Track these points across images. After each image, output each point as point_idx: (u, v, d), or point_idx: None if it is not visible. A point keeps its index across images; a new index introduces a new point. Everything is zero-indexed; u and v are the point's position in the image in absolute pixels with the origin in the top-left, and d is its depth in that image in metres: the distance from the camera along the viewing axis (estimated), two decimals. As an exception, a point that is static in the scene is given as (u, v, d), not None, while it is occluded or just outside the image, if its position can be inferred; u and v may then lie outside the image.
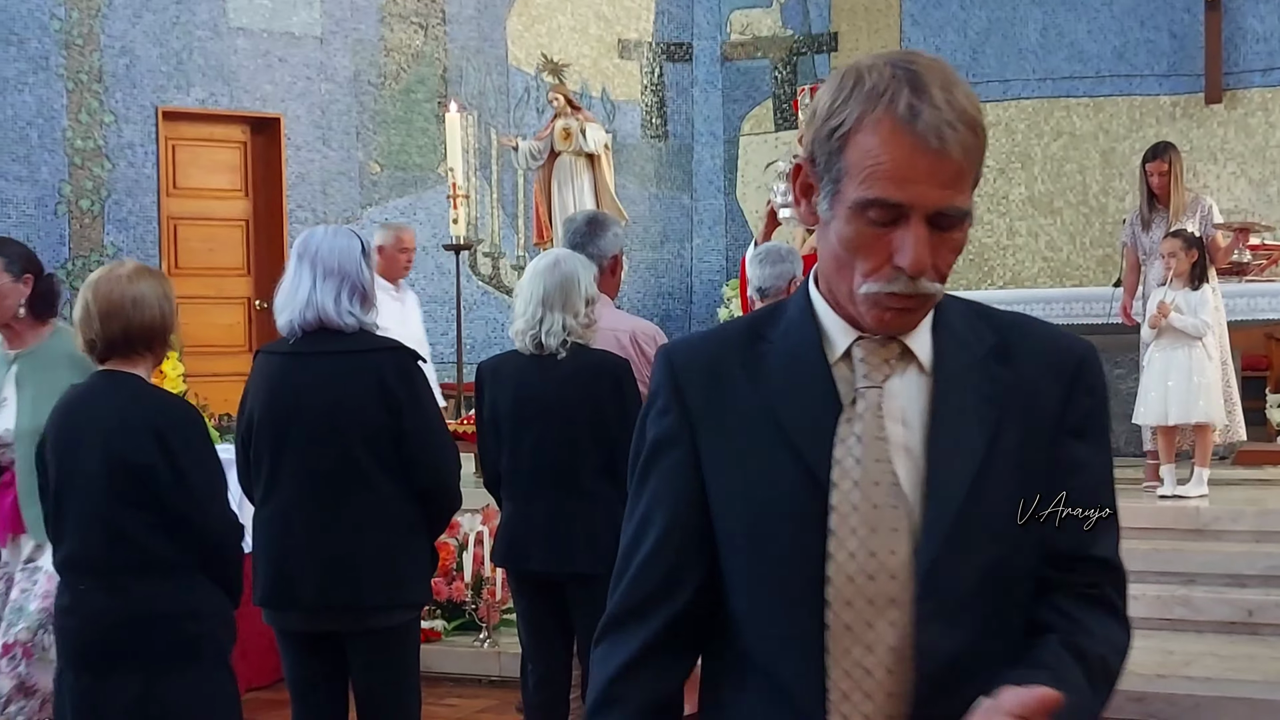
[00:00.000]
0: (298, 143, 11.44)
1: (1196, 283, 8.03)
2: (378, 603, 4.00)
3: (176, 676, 3.59)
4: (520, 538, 4.56)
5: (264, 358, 4.15)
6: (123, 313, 3.64)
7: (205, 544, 3.63)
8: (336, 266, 3.99)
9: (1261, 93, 11.64)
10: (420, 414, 4.01)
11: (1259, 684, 6.22)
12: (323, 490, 3.98)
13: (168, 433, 3.58)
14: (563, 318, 4.47)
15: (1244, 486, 8.28)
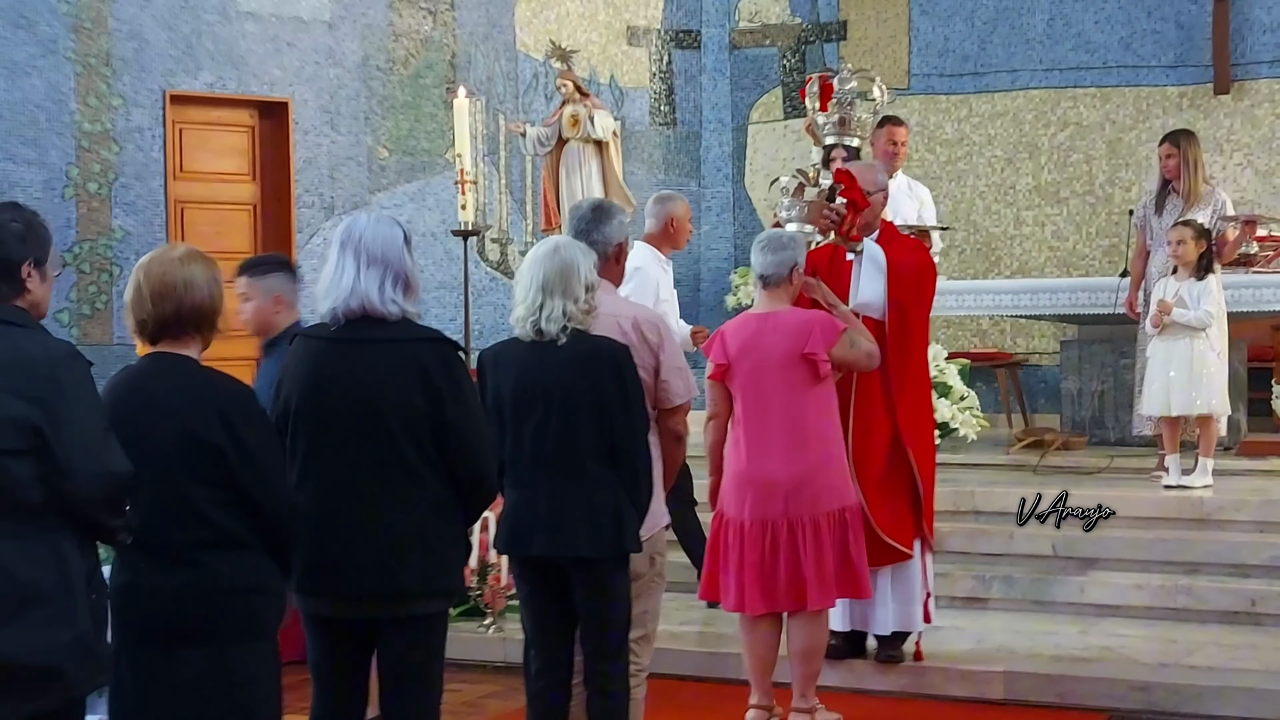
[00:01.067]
0: (305, 127, 11.45)
1: (1202, 273, 8.05)
2: (417, 590, 4.04)
3: (242, 650, 3.66)
4: (522, 523, 4.60)
5: (304, 342, 4.17)
6: (174, 294, 3.70)
7: (269, 522, 3.70)
8: (380, 254, 4.03)
9: (1269, 84, 11.63)
10: (461, 404, 4.03)
11: (1261, 673, 6.26)
12: (362, 478, 4.01)
13: (232, 413, 3.64)
14: (563, 304, 4.50)
15: (1248, 477, 8.30)
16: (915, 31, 12.70)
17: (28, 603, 3.23)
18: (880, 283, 6.23)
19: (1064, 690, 6.31)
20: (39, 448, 3.26)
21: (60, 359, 3.36)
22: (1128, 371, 9.54)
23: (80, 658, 3.30)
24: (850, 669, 6.57)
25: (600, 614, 4.61)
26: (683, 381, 4.93)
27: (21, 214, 3.52)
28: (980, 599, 7.53)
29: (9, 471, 3.24)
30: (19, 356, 3.32)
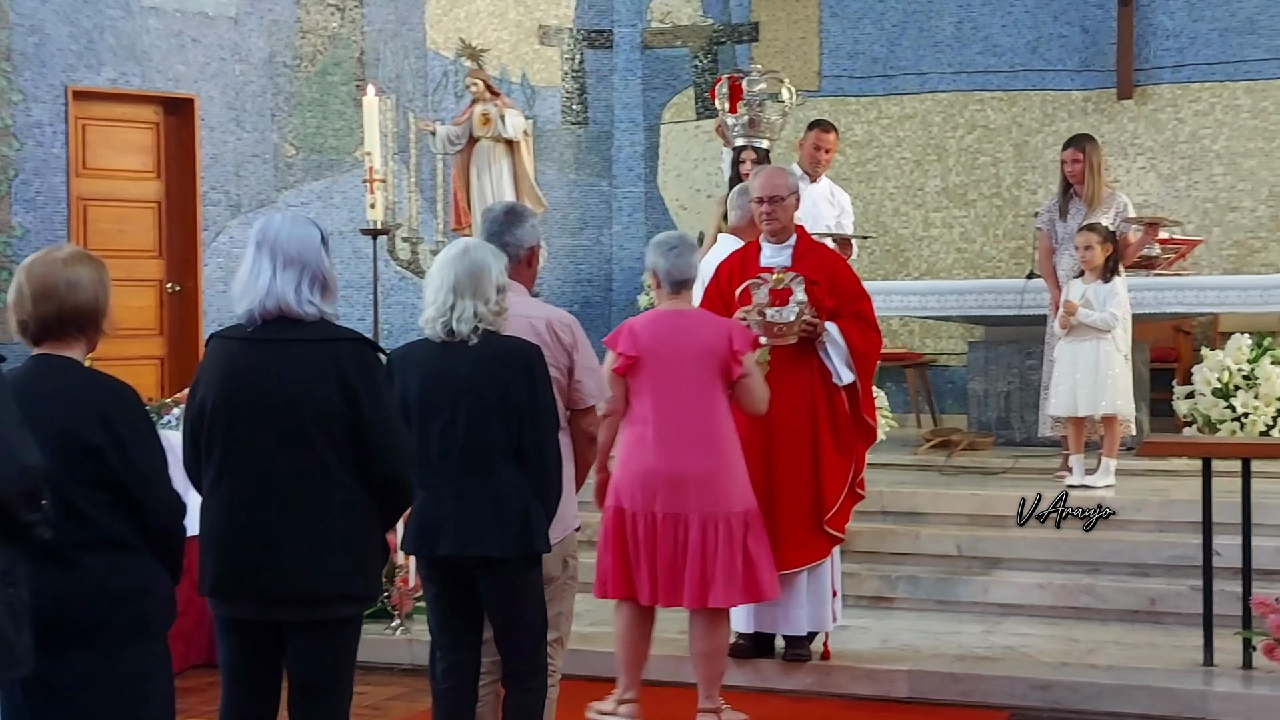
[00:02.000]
0: (211, 124, 11.31)
1: (1108, 276, 8.15)
2: (334, 594, 4.00)
3: (128, 652, 3.62)
4: (429, 523, 4.57)
5: (220, 343, 4.13)
6: (56, 295, 3.66)
7: (150, 522, 3.66)
8: (297, 255, 4.00)
9: (1171, 89, 11.80)
10: (379, 405, 4.01)
11: (1160, 672, 6.33)
12: (280, 479, 3.98)
13: (112, 413, 3.60)
14: (474, 304, 4.50)
15: (1149, 477, 8.41)
16: (825, 33, 12.76)
17: None
18: (847, 369, 6.34)
19: (967, 689, 6.36)
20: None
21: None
22: (1034, 372, 9.64)
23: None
24: (757, 669, 6.59)
25: (514, 614, 4.60)
26: (595, 382, 4.98)
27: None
28: (886, 599, 7.57)
29: None
30: None
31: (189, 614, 6.42)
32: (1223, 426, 9.08)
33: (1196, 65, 11.72)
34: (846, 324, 6.37)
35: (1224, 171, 11.67)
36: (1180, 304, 9.39)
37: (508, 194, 10.47)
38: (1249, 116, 11.60)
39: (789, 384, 6.28)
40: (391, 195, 11.84)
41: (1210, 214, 11.67)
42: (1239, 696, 6.02)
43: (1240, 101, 11.63)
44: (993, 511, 7.90)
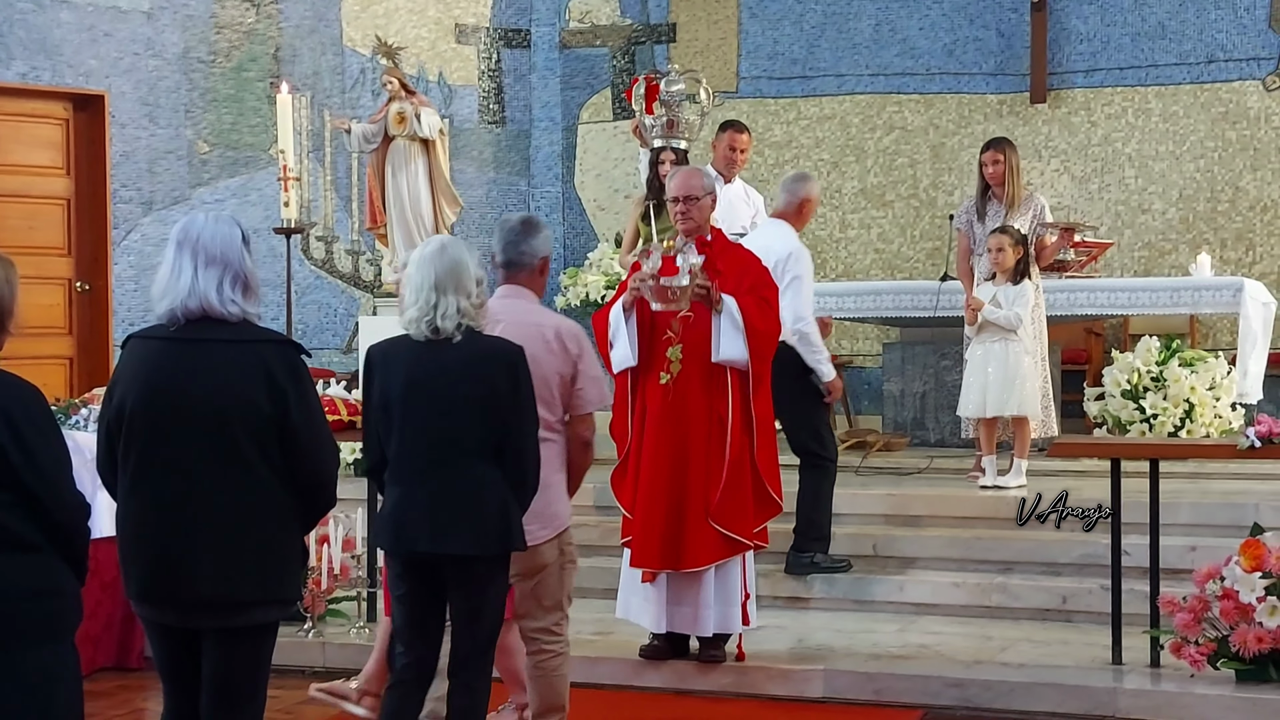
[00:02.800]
0: (123, 120, 11.16)
1: (1018, 278, 8.23)
2: (255, 599, 3.97)
3: (37, 654, 3.56)
4: (407, 521, 4.55)
5: (139, 343, 4.07)
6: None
7: (54, 522, 3.59)
8: (220, 254, 3.97)
9: (1084, 92, 11.95)
10: (305, 408, 3.99)
11: (1071, 669, 6.40)
12: (201, 482, 3.93)
13: (14, 412, 3.53)
14: (457, 300, 4.53)
15: (1061, 477, 8.49)
16: (744, 34, 12.80)
17: None
18: (741, 342, 6.27)
19: (881, 688, 6.40)
20: None
21: None
22: (949, 373, 9.73)
23: None
24: (672, 670, 6.59)
25: (476, 611, 4.60)
26: (597, 390, 5.12)
27: None
28: (802, 599, 7.60)
29: None
30: None
31: (97, 617, 6.34)
32: (1132, 428, 9.19)
33: (1108, 70, 11.88)
34: (746, 300, 6.33)
35: (1135, 174, 11.83)
36: (1091, 306, 9.50)
37: (423, 193, 10.41)
38: (1159, 120, 11.77)
39: (699, 386, 6.29)
40: (307, 194, 11.74)
41: (1122, 216, 11.82)
42: (1147, 693, 6.10)
43: (1151, 105, 11.79)
44: (908, 511, 7.96)
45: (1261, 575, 5.96)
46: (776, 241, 7.19)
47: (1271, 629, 5.91)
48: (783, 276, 6.95)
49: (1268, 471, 8.20)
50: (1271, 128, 11.50)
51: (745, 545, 6.44)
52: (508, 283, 5.18)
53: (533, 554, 4.97)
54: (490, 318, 4.81)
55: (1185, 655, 6.04)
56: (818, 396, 7.28)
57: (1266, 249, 11.49)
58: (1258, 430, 6.17)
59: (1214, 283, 9.46)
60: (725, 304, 6.26)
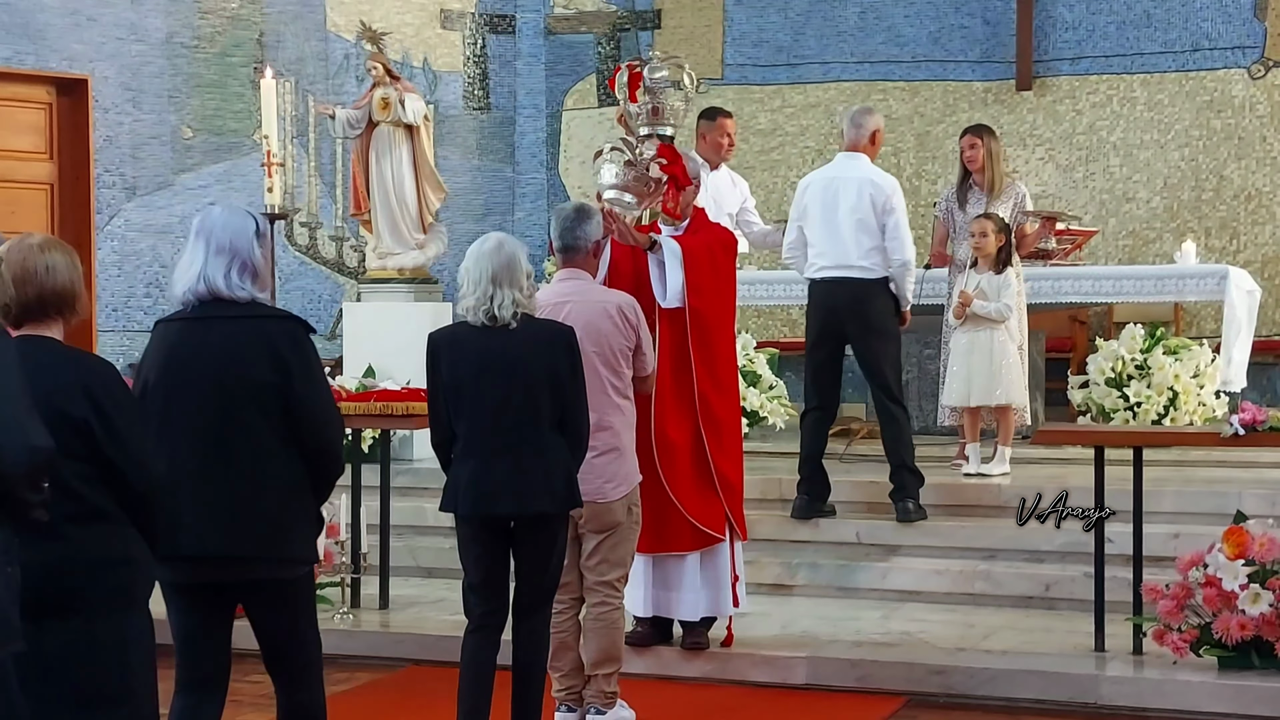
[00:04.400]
0: (106, 105, 11.12)
1: (1001, 266, 8.23)
2: (263, 556, 4.27)
3: (112, 620, 3.76)
4: (487, 488, 5.05)
5: (161, 326, 4.43)
6: (36, 279, 3.86)
7: (135, 493, 3.81)
8: (229, 244, 4.29)
9: (1070, 80, 11.95)
10: (309, 379, 4.28)
11: (1054, 656, 6.42)
12: (215, 448, 4.24)
13: (96, 389, 3.76)
14: (512, 293, 5.03)
15: (1045, 465, 8.52)
16: (730, 22, 12.78)
17: None
18: (679, 272, 6.29)
19: (864, 674, 6.41)
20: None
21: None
22: (931, 362, 9.73)
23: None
24: (656, 655, 6.59)
25: (543, 562, 5.16)
26: (653, 354, 5.84)
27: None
28: (786, 585, 7.61)
29: None
30: None
31: None
32: (1116, 415, 9.21)
33: (1094, 58, 11.88)
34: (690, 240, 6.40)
35: (1120, 163, 11.84)
36: (1076, 294, 9.52)
37: (407, 179, 10.38)
38: (1144, 109, 11.78)
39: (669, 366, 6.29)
40: (291, 179, 11.67)
41: (1106, 205, 11.84)
42: (1129, 680, 6.12)
43: (1136, 94, 11.81)
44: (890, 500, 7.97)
45: (1244, 563, 5.98)
46: (875, 174, 7.73)
47: (1254, 616, 5.93)
48: (890, 210, 7.58)
49: (1251, 459, 8.22)
50: (1256, 116, 11.52)
51: (717, 538, 6.42)
52: (567, 265, 5.68)
53: (607, 510, 5.59)
54: (557, 299, 5.53)
55: (1168, 642, 6.05)
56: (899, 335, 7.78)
57: (1251, 237, 11.51)
58: (1241, 418, 6.19)
59: (1199, 270, 9.48)
60: (665, 244, 6.30)
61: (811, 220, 7.76)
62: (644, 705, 5.97)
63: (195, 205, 11.55)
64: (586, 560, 5.68)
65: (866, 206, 7.61)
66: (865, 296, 7.63)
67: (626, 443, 5.66)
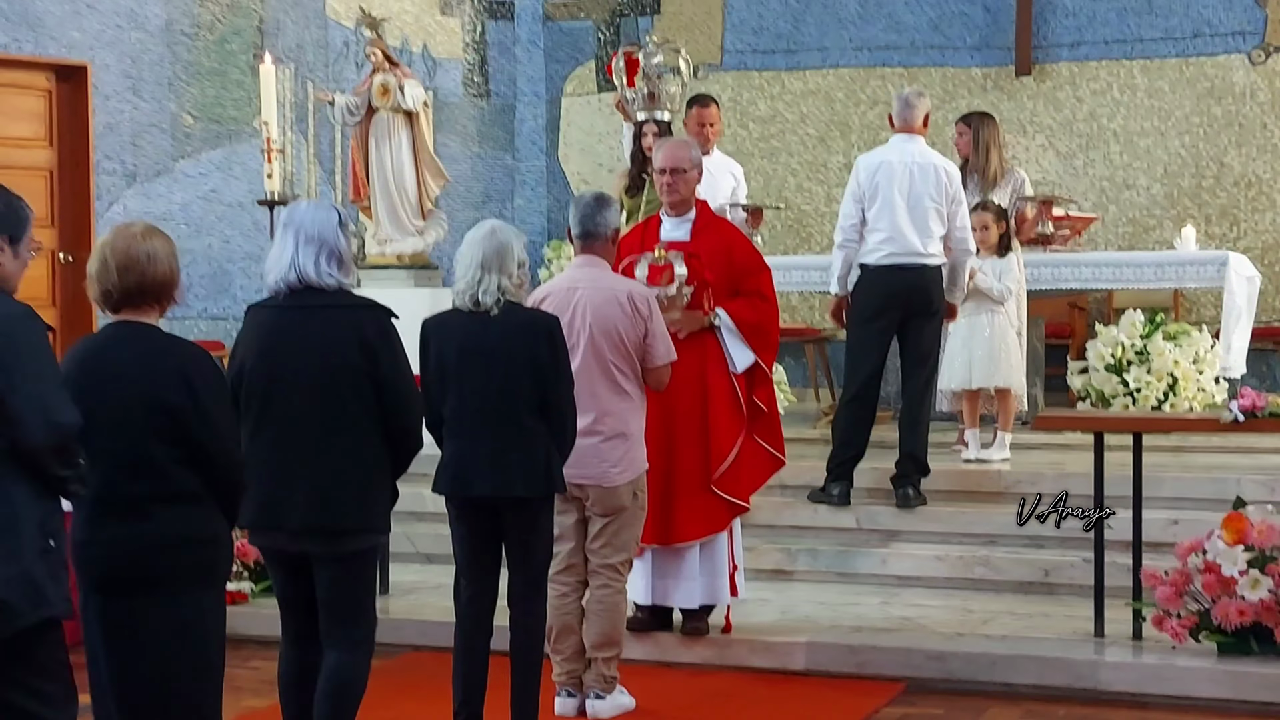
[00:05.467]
0: (106, 92, 11.11)
1: (1003, 251, 8.25)
2: (346, 527, 4.61)
3: (195, 596, 4.00)
4: (465, 469, 5.21)
5: (255, 312, 4.75)
6: (138, 266, 4.03)
7: (219, 475, 4.03)
8: (317, 234, 4.60)
9: (1069, 66, 11.93)
10: (394, 365, 4.62)
11: (1052, 641, 6.43)
12: (306, 428, 4.58)
13: (191, 375, 3.98)
14: (498, 279, 5.14)
15: (1045, 450, 8.52)
16: (729, 8, 12.76)
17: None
18: (745, 347, 6.43)
19: (863, 660, 6.42)
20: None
21: (15, 316, 3.69)
22: (931, 347, 9.71)
23: (22, 591, 3.59)
24: (655, 642, 6.61)
25: (528, 547, 5.27)
26: (665, 345, 5.79)
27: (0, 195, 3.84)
28: (786, 571, 7.63)
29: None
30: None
31: None
32: (1115, 401, 9.21)
33: (1094, 44, 11.86)
34: (734, 303, 6.41)
35: (1120, 150, 11.83)
36: (1076, 280, 9.51)
37: (407, 166, 10.38)
38: (1145, 96, 11.76)
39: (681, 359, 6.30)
40: (290, 166, 11.67)
41: (1106, 192, 11.82)
42: (1129, 666, 6.13)
43: (1136, 80, 11.79)
44: (890, 485, 7.97)
45: (1244, 549, 5.99)
46: (943, 160, 7.77)
47: (1253, 602, 5.94)
48: (959, 198, 7.64)
49: (1251, 445, 8.23)
50: (1257, 103, 11.50)
51: (741, 508, 6.48)
52: (585, 252, 5.78)
53: (614, 495, 5.68)
54: (570, 284, 5.67)
55: (1167, 628, 6.07)
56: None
57: (1251, 225, 11.50)
58: (1241, 404, 6.20)
59: (1199, 257, 9.47)
60: (720, 318, 6.33)
61: (882, 203, 7.60)
62: (643, 690, 5.99)
63: (195, 192, 11.57)
64: (590, 543, 5.77)
65: (941, 193, 7.56)
66: (929, 284, 7.59)
67: (634, 429, 5.73)
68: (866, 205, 7.64)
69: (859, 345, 7.72)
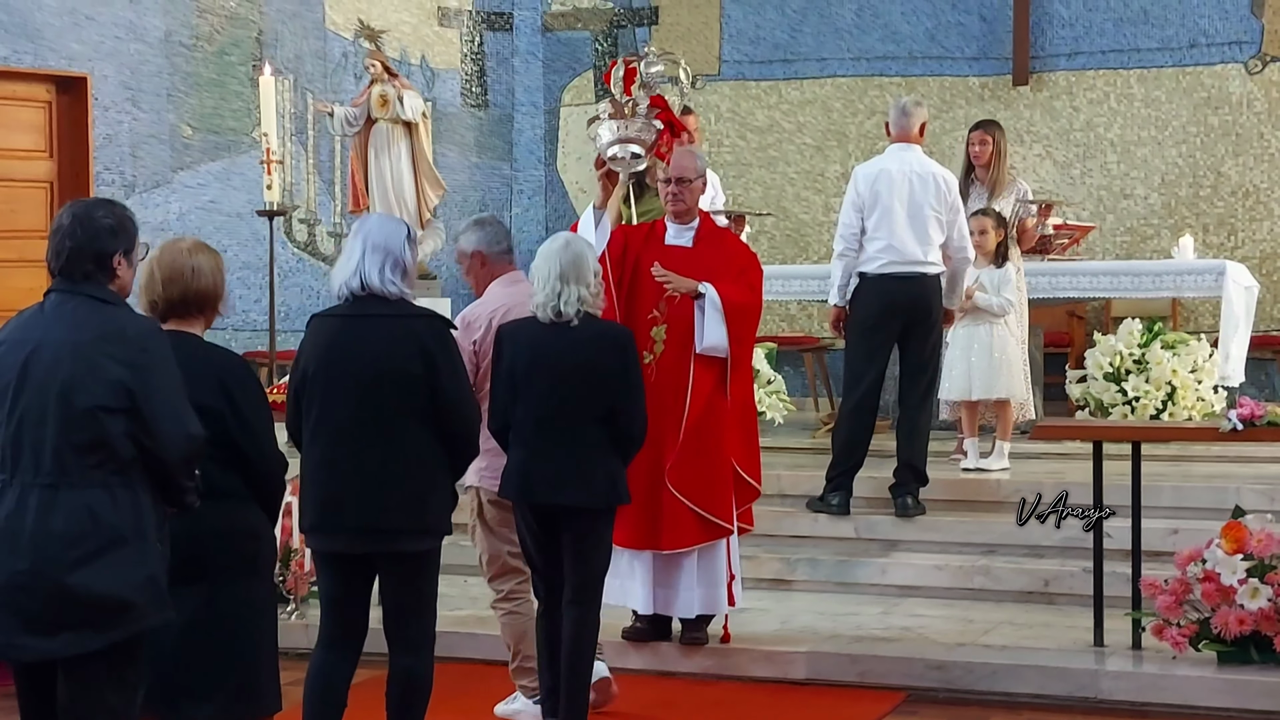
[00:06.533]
0: (105, 103, 11.12)
1: (1000, 260, 8.24)
2: (403, 528, 4.75)
3: (237, 587, 4.21)
4: (530, 475, 5.31)
5: (319, 320, 4.92)
6: (183, 279, 4.29)
7: (258, 474, 4.27)
8: (383, 244, 4.78)
9: (1066, 76, 11.96)
10: (452, 374, 4.79)
11: (1053, 651, 6.42)
12: (366, 433, 4.73)
13: (229, 381, 4.22)
14: (578, 289, 5.27)
15: (1043, 460, 8.52)
16: (727, 18, 12.80)
17: (111, 545, 3.74)
18: (723, 329, 6.32)
19: (864, 669, 6.42)
20: (130, 408, 3.76)
21: (150, 332, 3.91)
22: (930, 356, 9.72)
23: (150, 593, 3.81)
24: (655, 651, 6.60)
25: (584, 555, 5.36)
26: None
27: (114, 210, 3.99)
28: (786, 581, 7.62)
29: (107, 427, 3.75)
30: (115, 329, 3.83)
31: None
32: (1114, 410, 9.22)
33: (1091, 53, 11.90)
34: (724, 284, 6.38)
35: (1117, 159, 11.85)
36: (1074, 289, 9.52)
37: (406, 176, 10.41)
38: (1142, 105, 11.79)
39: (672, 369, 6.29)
40: (289, 176, 11.72)
41: (1104, 201, 11.85)
42: (1128, 675, 6.13)
43: (1133, 90, 11.82)
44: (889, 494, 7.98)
45: (1243, 557, 5.99)
46: (941, 169, 7.76)
47: (1253, 611, 5.94)
48: (958, 206, 7.67)
49: (1249, 454, 8.23)
50: (1253, 112, 11.53)
51: (726, 529, 6.45)
52: (504, 271, 5.81)
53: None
54: (497, 303, 5.65)
55: (1167, 637, 6.07)
56: None
57: (1248, 234, 11.53)
58: (1239, 413, 6.20)
59: (1196, 266, 9.49)
60: (706, 292, 6.28)
61: (881, 212, 7.60)
62: (643, 700, 5.99)
63: (194, 203, 11.59)
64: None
65: (941, 202, 7.58)
66: (929, 294, 7.61)
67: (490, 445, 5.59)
68: (866, 214, 7.63)
69: (858, 355, 7.72)
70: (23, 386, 3.80)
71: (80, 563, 3.71)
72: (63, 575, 3.70)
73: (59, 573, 3.70)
